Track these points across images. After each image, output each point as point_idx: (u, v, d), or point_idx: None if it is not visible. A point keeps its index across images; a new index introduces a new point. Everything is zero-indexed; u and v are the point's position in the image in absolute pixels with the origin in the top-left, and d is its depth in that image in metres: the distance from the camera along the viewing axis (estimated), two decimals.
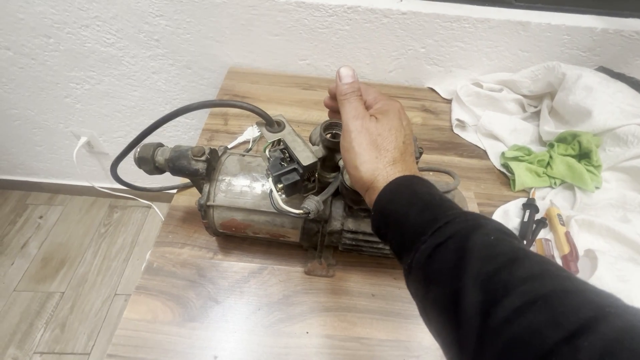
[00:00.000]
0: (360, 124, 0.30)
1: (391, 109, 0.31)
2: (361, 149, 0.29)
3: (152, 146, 0.43)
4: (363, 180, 0.29)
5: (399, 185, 0.28)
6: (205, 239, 0.53)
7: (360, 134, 0.30)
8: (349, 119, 0.30)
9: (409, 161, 0.30)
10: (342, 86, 0.32)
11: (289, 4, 0.72)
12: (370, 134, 0.30)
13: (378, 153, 0.29)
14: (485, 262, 0.22)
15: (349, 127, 0.30)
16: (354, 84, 0.32)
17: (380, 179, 0.29)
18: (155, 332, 0.44)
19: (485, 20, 0.73)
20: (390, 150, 0.29)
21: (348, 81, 0.32)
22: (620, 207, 0.58)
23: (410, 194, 0.27)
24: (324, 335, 0.45)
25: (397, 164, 0.29)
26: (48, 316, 1.11)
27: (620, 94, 0.64)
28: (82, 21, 0.78)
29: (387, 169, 0.29)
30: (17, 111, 1.01)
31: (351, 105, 0.31)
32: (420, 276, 0.25)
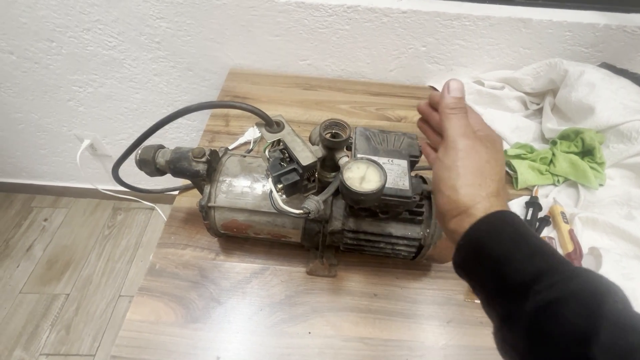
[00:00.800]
0: (470, 144, 0.28)
1: (497, 139, 0.30)
2: (466, 170, 0.27)
3: (153, 148, 0.43)
4: (458, 203, 0.27)
5: (501, 220, 0.26)
6: (207, 240, 0.53)
7: (469, 155, 0.28)
8: (457, 136, 0.28)
9: (505, 199, 0.28)
10: (450, 99, 0.30)
11: (289, 5, 0.72)
12: (480, 158, 0.28)
13: (482, 180, 0.27)
14: (620, 335, 0.19)
15: (457, 145, 0.28)
16: (462, 100, 0.30)
17: (480, 207, 0.26)
18: (158, 333, 0.44)
19: (486, 17, 0.72)
20: (495, 181, 0.27)
21: (457, 95, 0.30)
22: (625, 204, 0.57)
23: (514, 232, 0.25)
24: (327, 336, 0.45)
25: (499, 197, 0.27)
26: (53, 318, 1.12)
27: (623, 90, 0.64)
28: (84, 25, 0.78)
29: (490, 199, 0.26)
30: (21, 115, 1.02)
31: (460, 121, 0.29)
32: (524, 330, 0.22)
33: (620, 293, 0.22)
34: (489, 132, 0.30)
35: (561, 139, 0.65)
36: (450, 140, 0.28)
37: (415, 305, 0.48)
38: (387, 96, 0.81)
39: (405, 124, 0.75)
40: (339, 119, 0.38)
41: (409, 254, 0.46)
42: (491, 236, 0.25)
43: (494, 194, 0.27)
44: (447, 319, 0.47)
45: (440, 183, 0.29)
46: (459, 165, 0.27)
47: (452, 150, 0.28)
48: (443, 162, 0.29)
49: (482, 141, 0.29)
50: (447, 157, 0.28)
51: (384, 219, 0.44)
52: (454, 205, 0.27)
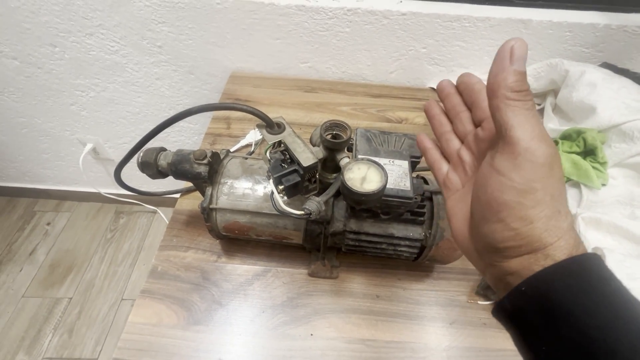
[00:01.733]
0: (552, 155, 0.19)
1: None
2: (547, 195, 0.19)
3: (155, 150, 0.43)
4: (532, 238, 0.19)
5: (595, 272, 0.18)
6: (209, 242, 0.53)
7: (552, 172, 0.19)
8: (533, 140, 0.19)
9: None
10: (515, 77, 0.19)
11: (289, 8, 0.72)
12: (560, 178, 0.19)
13: (561, 207, 0.19)
14: None
15: (536, 156, 0.19)
16: (526, 78, 0.20)
17: (562, 244, 0.19)
18: (160, 335, 0.44)
19: (485, 19, 0.72)
20: (569, 211, 0.20)
21: (522, 69, 0.19)
22: (628, 204, 0.57)
23: (617, 297, 0.18)
24: (329, 338, 0.45)
25: (576, 233, 0.20)
26: (56, 322, 1.12)
27: (624, 89, 0.64)
28: (86, 30, 0.79)
29: (572, 234, 0.19)
30: (24, 119, 1.03)
31: (533, 117, 0.19)
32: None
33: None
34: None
35: (563, 139, 0.65)
36: (522, 147, 0.19)
37: (418, 306, 0.48)
38: (388, 98, 0.81)
39: (406, 125, 0.75)
40: (340, 120, 0.38)
41: (411, 255, 0.46)
42: (579, 295, 0.17)
43: (572, 228, 0.19)
44: (450, 321, 0.47)
45: (503, 211, 0.20)
46: (539, 188, 0.19)
47: (527, 164, 0.19)
48: (511, 180, 0.19)
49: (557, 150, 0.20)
50: (520, 173, 0.19)
51: (385, 220, 0.44)
52: (525, 241, 0.19)
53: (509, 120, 0.19)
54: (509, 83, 0.19)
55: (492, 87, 0.20)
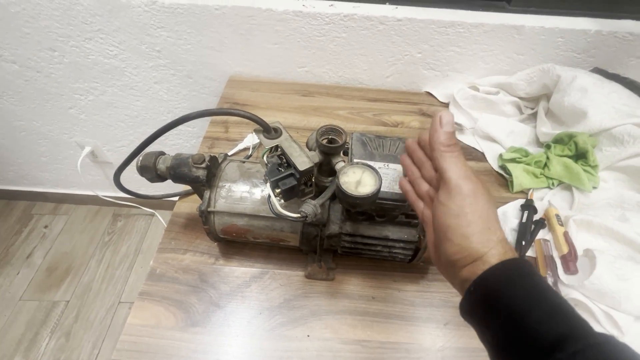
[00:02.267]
0: (474, 188, 0.27)
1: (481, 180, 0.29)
2: (475, 216, 0.26)
3: (154, 154, 0.44)
4: (471, 251, 0.26)
5: (518, 270, 0.25)
6: (207, 244, 0.54)
7: (476, 199, 0.26)
8: (459, 178, 0.27)
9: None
10: (444, 135, 0.28)
11: (287, 14, 0.74)
12: (486, 202, 0.27)
13: (491, 224, 0.26)
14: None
15: (462, 190, 0.26)
16: (454, 135, 0.28)
17: (494, 252, 0.25)
18: (158, 337, 0.45)
19: (479, 25, 0.74)
20: (499, 228, 0.27)
21: (450, 129, 0.28)
22: (619, 207, 0.58)
23: (533, 286, 0.24)
24: (325, 339, 0.46)
25: (507, 243, 0.26)
26: (53, 325, 1.12)
27: (614, 94, 0.65)
28: (85, 34, 0.80)
29: (502, 244, 0.26)
30: (22, 123, 1.04)
31: (459, 161, 0.27)
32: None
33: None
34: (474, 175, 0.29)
35: (555, 142, 0.66)
36: (453, 184, 0.27)
37: (413, 307, 0.49)
38: (384, 102, 0.82)
39: (402, 129, 0.76)
40: (335, 125, 0.39)
41: (406, 257, 0.46)
42: (507, 286, 0.24)
43: (502, 240, 0.26)
44: (444, 321, 0.48)
45: (448, 231, 0.27)
46: (468, 212, 0.26)
47: (458, 196, 0.26)
48: (449, 208, 0.27)
49: (481, 182, 0.28)
50: (454, 203, 0.26)
51: (380, 223, 0.45)
52: (467, 253, 0.26)
53: (443, 166, 0.28)
54: (441, 140, 0.28)
55: (431, 144, 0.29)
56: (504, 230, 0.56)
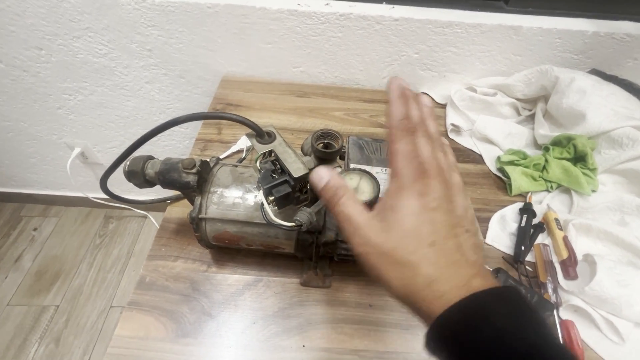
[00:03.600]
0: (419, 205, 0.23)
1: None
2: (420, 235, 0.23)
3: (142, 159, 0.42)
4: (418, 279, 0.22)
5: (482, 309, 0.21)
6: (199, 251, 0.52)
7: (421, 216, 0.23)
8: (414, 183, 0.23)
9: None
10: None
11: (281, 12, 0.72)
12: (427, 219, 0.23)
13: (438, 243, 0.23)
14: None
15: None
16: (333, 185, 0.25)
17: (453, 284, 0.22)
18: (147, 349, 0.43)
19: (477, 25, 0.73)
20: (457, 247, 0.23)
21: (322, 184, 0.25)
22: (618, 210, 0.57)
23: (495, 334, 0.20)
24: (321, 349, 0.44)
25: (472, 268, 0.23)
26: (42, 330, 1.09)
27: (613, 96, 0.64)
28: (73, 32, 0.77)
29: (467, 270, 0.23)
30: (10, 123, 1.01)
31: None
32: None
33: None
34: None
35: (553, 145, 0.66)
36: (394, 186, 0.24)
37: (411, 316, 0.48)
38: (381, 103, 0.81)
39: None
40: (331, 129, 0.38)
41: None
42: (467, 333, 0.20)
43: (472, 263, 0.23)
44: None
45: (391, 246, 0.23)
46: (405, 228, 0.23)
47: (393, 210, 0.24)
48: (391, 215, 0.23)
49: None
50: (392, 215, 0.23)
51: None
52: (414, 281, 0.22)
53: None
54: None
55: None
56: (502, 236, 0.56)
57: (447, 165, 0.25)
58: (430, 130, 0.26)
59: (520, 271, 0.52)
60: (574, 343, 0.44)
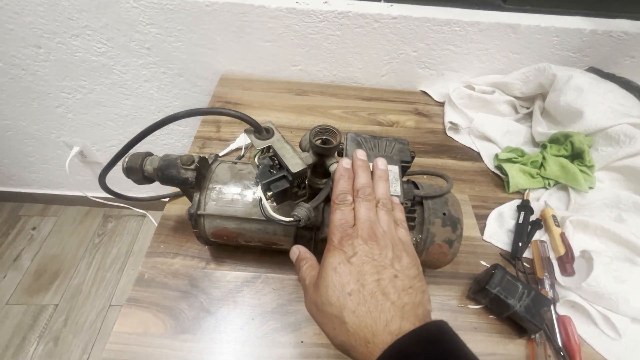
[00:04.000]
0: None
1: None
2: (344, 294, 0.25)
3: (141, 155, 0.42)
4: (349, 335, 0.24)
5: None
6: (198, 248, 0.52)
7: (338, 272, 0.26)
8: (339, 244, 0.27)
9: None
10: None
11: (280, 11, 0.72)
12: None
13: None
14: None
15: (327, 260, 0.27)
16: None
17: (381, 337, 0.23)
18: (146, 345, 0.43)
19: (475, 23, 0.73)
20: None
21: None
22: (615, 207, 0.58)
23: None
24: (320, 344, 0.44)
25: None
26: (41, 329, 1.09)
27: (610, 94, 0.65)
28: (72, 31, 0.77)
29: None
30: (8, 122, 1.01)
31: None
32: None
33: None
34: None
35: (551, 142, 0.66)
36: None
37: None
38: (379, 101, 0.81)
39: (397, 129, 0.75)
40: (329, 125, 0.38)
41: None
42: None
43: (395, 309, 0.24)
44: None
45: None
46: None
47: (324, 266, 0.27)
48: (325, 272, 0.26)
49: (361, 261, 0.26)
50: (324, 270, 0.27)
51: None
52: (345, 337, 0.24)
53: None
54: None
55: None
56: (500, 233, 0.56)
57: (387, 222, 0.28)
58: (377, 193, 0.30)
59: (518, 267, 0.52)
60: (571, 338, 0.44)
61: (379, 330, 0.22)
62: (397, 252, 0.26)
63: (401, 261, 0.26)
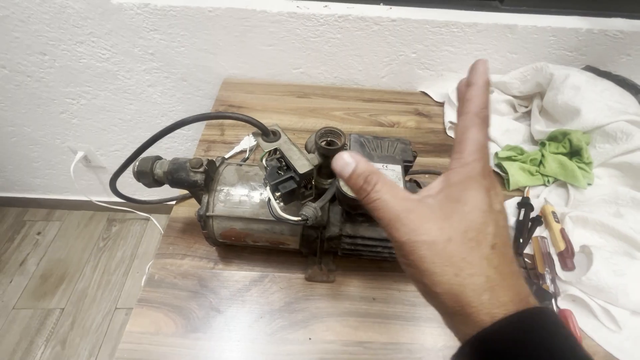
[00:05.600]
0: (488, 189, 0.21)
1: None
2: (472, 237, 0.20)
3: (151, 159, 0.43)
4: (460, 295, 0.20)
5: (523, 332, 0.19)
6: (206, 249, 0.53)
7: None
8: (484, 178, 0.21)
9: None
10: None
11: (281, 15, 0.73)
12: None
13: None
14: None
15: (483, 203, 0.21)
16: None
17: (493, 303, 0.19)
18: (158, 344, 0.44)
19: (473, 24, 0.74)
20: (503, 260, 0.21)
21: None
22: (613, 203, 0.59)
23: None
24: (327, 341, 0.46)
25: (513, 282, 0.21)
26: (48, 333, 1.10)
27: (607, 91, 0.66)
28: (77, 38, 0.79)
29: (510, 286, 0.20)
30: (13, 128, 1.02)
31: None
32: None
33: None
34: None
35: (550, 140, 0.67)
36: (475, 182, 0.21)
37: (414, 308, 0.49)
38: (380, 102, 0.82)
39: (398, 129, 0.76)
40: (334, 127, 0.39)
41: None
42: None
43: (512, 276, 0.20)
44: None
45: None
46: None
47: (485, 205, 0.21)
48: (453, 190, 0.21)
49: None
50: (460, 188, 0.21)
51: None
52: (454, 292, 0.20)
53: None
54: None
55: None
56: None
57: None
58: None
59: (519, 263, 0.53)
60: (573, 331, 0.45)
61: (520, 298, 0.19)
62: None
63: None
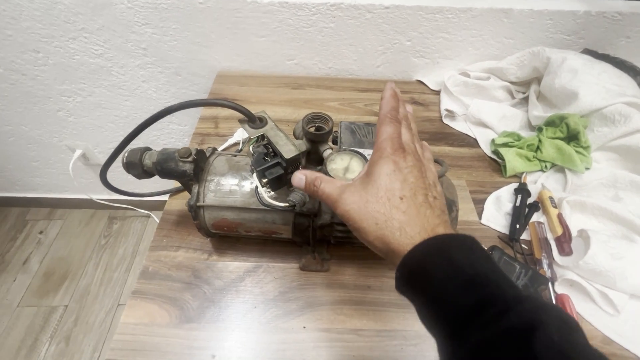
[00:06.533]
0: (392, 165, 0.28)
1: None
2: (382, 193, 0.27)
3: (140, 150, 0.43)
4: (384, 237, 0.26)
5: (436, 245, 0.24)
6: (200, 240, 0.53)
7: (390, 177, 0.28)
8: (392, 154, 0.28)
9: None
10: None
11: (272, 5, 0.72)
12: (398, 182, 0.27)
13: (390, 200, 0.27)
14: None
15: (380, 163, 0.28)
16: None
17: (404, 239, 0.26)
18: (153, 335, 0.44)
19: (467, 9, 0.73)
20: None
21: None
22: (612, 186, 0.58)
23: (449, 261, 0.24)
24: (321, 329, 0.45)
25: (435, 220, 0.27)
26: (52, 330, 1.11)
27: (605, 74, 0.65)
28: (69, 34, 0.79)
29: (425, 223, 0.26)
30: (10, 127, 1.02)
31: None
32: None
33: (558, 319, 0.20)
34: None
35: (547, 125, 0.66)
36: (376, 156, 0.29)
37: None
38: (375, 92, 0.81)
39: None
40: (321, 112, 0.39)
41: None
42: (426, 263, 0.24)
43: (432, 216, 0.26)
44: None
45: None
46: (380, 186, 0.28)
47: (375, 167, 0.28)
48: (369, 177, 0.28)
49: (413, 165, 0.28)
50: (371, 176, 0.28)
51: None
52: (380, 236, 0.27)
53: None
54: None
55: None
56: (498, 216, 0.57)
57: (422, 154, 0.30)
58: (412, 127, 0.32)
59: (516, 249, 0.53)
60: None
61: (426, 229, 0.25)
62: (434, 180, 0.29)
63: (437, 188, 0.29)
